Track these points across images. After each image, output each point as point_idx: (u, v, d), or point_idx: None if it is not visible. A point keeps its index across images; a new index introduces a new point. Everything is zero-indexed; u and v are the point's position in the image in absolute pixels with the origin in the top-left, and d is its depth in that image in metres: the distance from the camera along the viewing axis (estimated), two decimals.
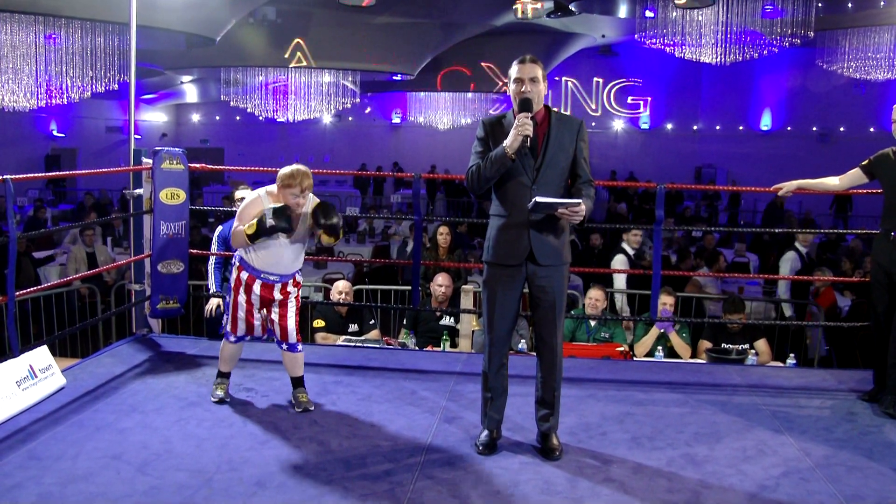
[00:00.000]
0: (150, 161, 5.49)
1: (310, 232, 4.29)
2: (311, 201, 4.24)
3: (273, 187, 4.21)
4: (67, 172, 11.96)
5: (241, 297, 4.27)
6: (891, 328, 4.53)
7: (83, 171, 9.53)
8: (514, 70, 3.73)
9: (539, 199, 3.56)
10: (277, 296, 4.27)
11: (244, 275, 4.25)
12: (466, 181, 3.80)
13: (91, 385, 4.57)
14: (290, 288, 4.31)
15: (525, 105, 3.64)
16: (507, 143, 3.62)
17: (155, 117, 28.33)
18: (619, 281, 8.25)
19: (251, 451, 3.74)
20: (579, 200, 3.59)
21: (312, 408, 4.31)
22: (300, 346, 4.38)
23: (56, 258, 10.89)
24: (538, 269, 3.74)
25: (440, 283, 6.63)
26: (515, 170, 3.68)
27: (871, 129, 23.46)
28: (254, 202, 4.19)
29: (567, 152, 3.75)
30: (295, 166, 4.16)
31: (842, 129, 24.45)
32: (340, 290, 6.46)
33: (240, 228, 4.13)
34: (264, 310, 4.31)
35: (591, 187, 3.79)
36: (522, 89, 3.68)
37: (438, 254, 8.32)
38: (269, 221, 4.03)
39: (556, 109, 3.85)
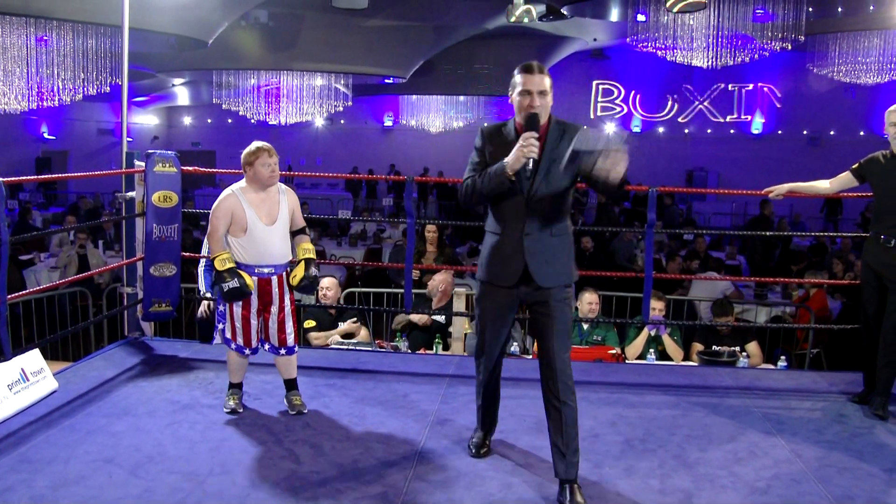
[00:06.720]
0: (143, 164, 5.48)
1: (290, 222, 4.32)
2: (284, 192, 4.29)
3: (243, 183, 4.23)
4: (59, 175, 11.93)
5: (238, 304, 4.24)
6: (880, 330, 4.56)
7: (75, 174, 9.50)
8: (520, 79, 3.39)
9: (577, 145, 3.21)
10: (275, 292, 4.25)
11: None
12: (460, 195, 3.54)
13: (83, 388, 4.56)
14: (285, 285, 4.29)
15: (532, 122, 3.33)
16: (508, 160, 3.30)
17: (146, 120, 28.28)
18: None
19: (244, 454, 3.74)
20: (621, 147, 3.14)
21: (306, 410, 4.31)
22: (296, 349, 4.38)
23: (37, 262, 10.85)
24: (533, 293, 3.47)
25: (436, 281, 6.66)
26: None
27: (861, 133, 23.61)
28: (227, 199, 4.17)
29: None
30: (253, 143, 4.22)
31: (832, 132, 24.58)
32: (325, 286, 6.47)
33: (215, 239, 4.15)
34: (262, 316, 4.29)
35: None
36: (530, 103, 3.36)
37: (425, 247, 8.37)
38: (231, 285, 4.06)
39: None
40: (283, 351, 4.33)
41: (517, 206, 3.43)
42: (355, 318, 6.48)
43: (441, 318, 6.62)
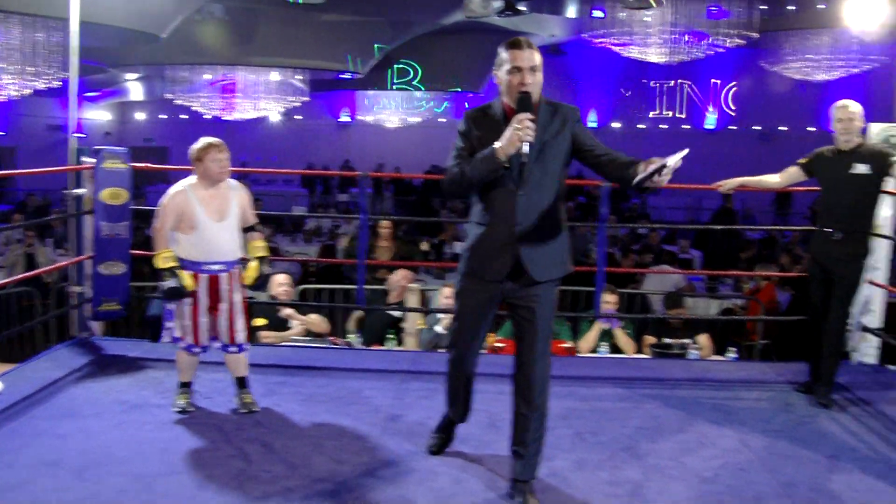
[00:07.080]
0: (92, 160, 5.37)
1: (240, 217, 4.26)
2: (235, 188, 4.24)
3: (193, 179, 4.16)
4: (6, 172, 11.60)
5: (187, 302, 4.17)
6: (826, 321, 4.67)
7: (22, 171, 9.31)
8: (507, 56, 3.11)
9: (641, 175, 3.02)
10: (224, 288, 4.17)
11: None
12: (445, 184, 3.22)
13: (27, 390, 4.44)
14: (235, 282, 4.23)
15: (525, 103, 3.06)
16: (500, 144, 3.02)
17: (98, 115, 27.70)
18: None
19: (193, 455, 3.69)
20: (666, 161, 3.02)
21: (257, 409, 4.26)
22: (247, 346, 4.33)
23: None
24: (521, 289, 3.25)
25: (398, 277, 6.65)
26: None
27: (811, 129, 24.09)
28: (176, 196, 4.10)
29: (558, 148, 3.21)
30: (202, 139, 4.15)
31: (782, 128, 25.07)
32: (280, 282, 6.38)
33: (161, 235, 4.08)
34: (211, 314, 4.21)
35: (619, 153, 3.24)
36: (521, 81, 3.09)
37: (378, 243, 8.34)
38: (169, 284, 4.01)
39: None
40: (232, 348, 4.27)
41: (508, 195, 3.17)
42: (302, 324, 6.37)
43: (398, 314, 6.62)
